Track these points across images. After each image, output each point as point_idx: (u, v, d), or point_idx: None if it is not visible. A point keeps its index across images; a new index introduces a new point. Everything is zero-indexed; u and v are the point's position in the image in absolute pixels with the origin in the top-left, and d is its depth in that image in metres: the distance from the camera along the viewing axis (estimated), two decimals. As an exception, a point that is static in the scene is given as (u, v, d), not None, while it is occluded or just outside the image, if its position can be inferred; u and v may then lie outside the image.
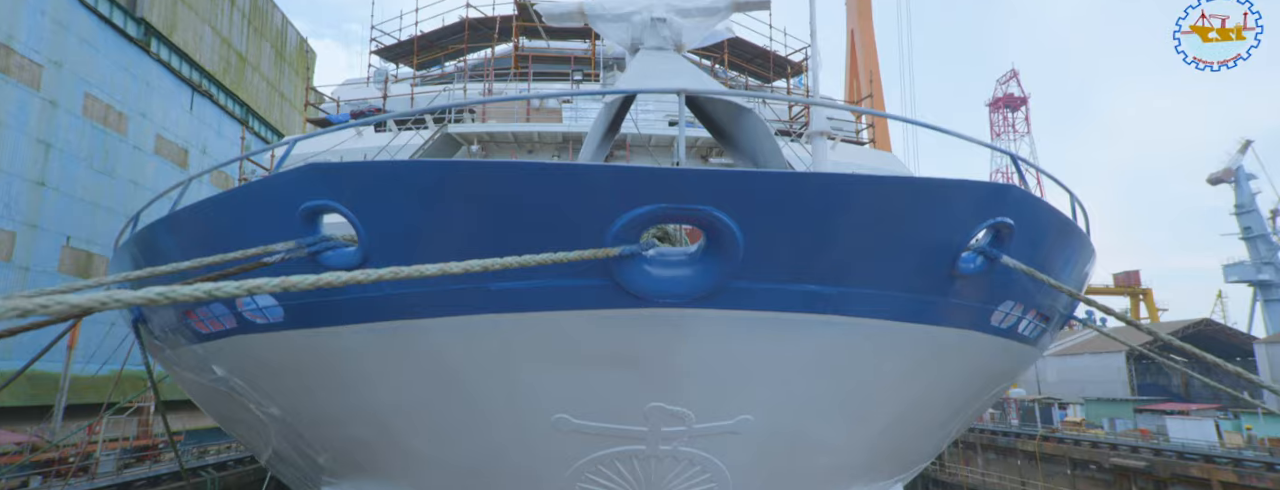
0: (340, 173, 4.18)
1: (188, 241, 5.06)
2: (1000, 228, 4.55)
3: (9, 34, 17.12)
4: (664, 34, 5.40)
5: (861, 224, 4.08)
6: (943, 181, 4.18)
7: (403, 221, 4.16)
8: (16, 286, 17.41)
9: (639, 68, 4.84)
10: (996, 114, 71.37)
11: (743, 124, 4.55)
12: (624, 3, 5.54)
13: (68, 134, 19.01)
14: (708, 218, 3.87)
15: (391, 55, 21.69)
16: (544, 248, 4.00)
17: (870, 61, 38.54)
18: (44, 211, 18.26)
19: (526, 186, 3.85)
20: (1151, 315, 47.20)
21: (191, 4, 25.04)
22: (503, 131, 14.93)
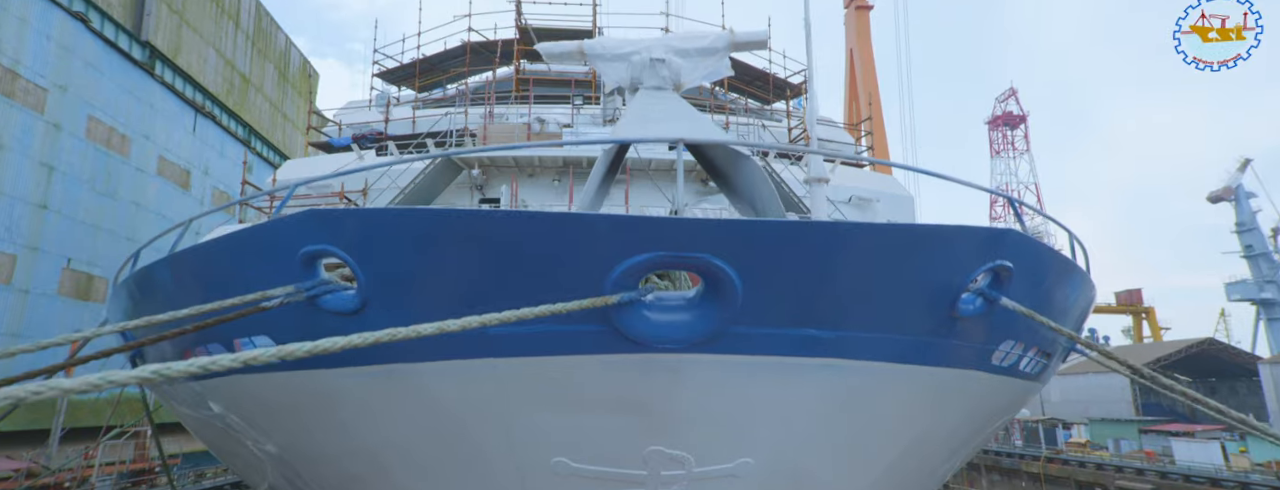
0: (340, 218, 4.19)
1: (186, 284, 5.06)
2: (999, 270, 4.55)
3: (14, 59, 17.29)
4: (663, 74, 5.44)
5: (860, 271, 4.08)
6: (941, 228, 4.19)
7: (401, 267, 4.16)
8: (16, 309, 17.39)
9: (638, 109, 4.87)
10: (996, 132, 71.69)
11: (740, 168, 4.58)
12: (623, 43, 5.59)
13: (71, 157, 19.11)
14: (706, 265, 3.87)
15: (394, 78, 21.88)
16: (542, 294, 4.00)
17: (869, 83, 38.81)
18: (45, 234, 18.30)
19: (524, 235, 3.86)
20: (1154, 334, 47.00)
21: (196, 27, 25.31)
22: (503, 155, 14.99)
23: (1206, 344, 33.38)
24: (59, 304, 18.72)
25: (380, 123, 17.92)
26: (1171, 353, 33.16)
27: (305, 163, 16.76)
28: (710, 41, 5.52)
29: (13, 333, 17.26)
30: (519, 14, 20.13)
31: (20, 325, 17.47)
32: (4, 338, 17.03)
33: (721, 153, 4.62)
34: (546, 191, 15.51)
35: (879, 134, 35.28)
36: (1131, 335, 50.36)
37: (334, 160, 16.16)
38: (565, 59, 5.79)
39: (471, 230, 3.94)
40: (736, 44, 5.56)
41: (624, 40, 5.67)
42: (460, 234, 3.97)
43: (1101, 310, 49.11)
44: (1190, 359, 33.53)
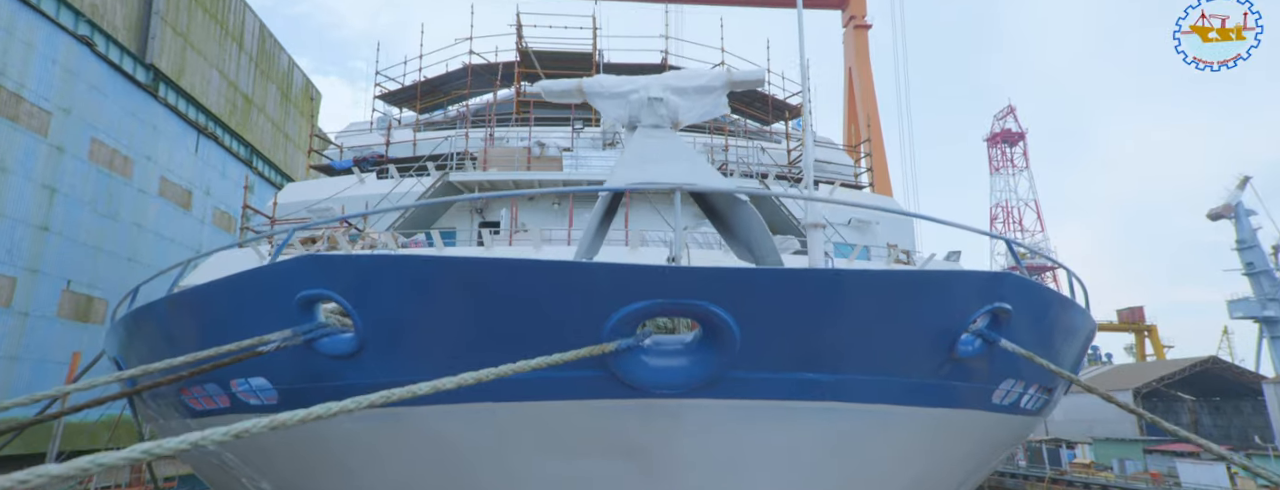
0: (337, 264, 4.20)
1: (183, 325, 5.05)
2: (997, 312, 4.55)
3: (19, 83, 17.43)
4: (661, 113, 5.48)
5: (859, 317, 4.07)
6: (939, 274, 4.19)
7: (398, 312, 4.16)
8: (15, 333, 17.35)
9: (637, 149, 4.90)
10: (995, 149, 71.98)
11: (737, 212, 4.60)
12: (621, 82, 5.64)
13: (73, 179, 19.19)
14: (704, 313, 3.87)
15: (395, 99, 22.03)
16: (540, 339, 3.99)
17: (868, 102, 39.04)
18: (46, 256, 18.32)
19: (521, 283, 3.86)
20: (1157, 352, 46.77)
21: (200, 49, 25.56)
22: (503, 179, 15.05)
23: (1210, 363, 33.21)
24: (58, 326, 18.68)
25: (381, 145, 18.02)
26: (1175, 371, 32.97)
27: (306, 185, 16.82)
28: (707, 80, 5.57)
29: (11, 356, 17.20)
30: (520, 37, 20.33)
31: (18, 348, 17.42)
32: (2, 361, 16.97)
33: (719, 195, 4.64)
34: (546, 215, 15.55)
35: (878, 155, 35.39)
36: (1134, 353, 50.15)
37: (335, 183, 16.22)
38: (564, 97, 5.84)
39: (468, 277, 3.95)
40: (734, 83, 5.61)
41: (622, 79, 5.72)
42: (457, 281, 3.97)
43: (1104, 328, 48.86)
44: (1194, 378, 33.34)
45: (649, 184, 4.28)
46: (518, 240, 13.59)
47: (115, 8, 21.57)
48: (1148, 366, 39.22)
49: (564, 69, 20.68)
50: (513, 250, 12.85)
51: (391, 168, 16.14)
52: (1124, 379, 35.27)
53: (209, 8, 26.32)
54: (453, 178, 14.93)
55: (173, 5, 23.87)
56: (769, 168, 18.08)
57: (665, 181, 4.32)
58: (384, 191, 15.38)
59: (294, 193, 16.46)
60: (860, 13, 44.38)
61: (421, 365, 4.32)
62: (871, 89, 40.53)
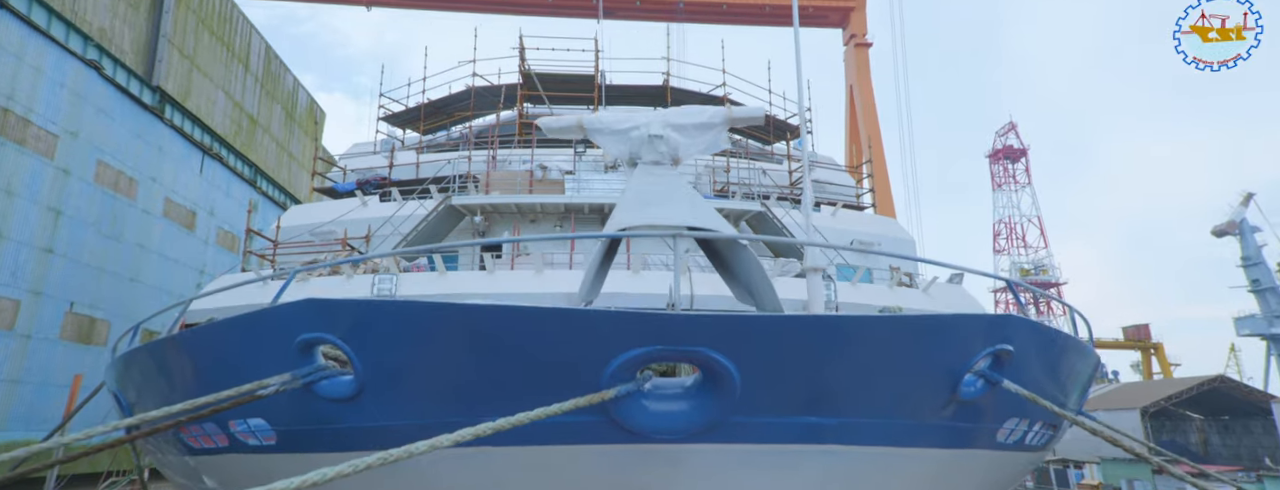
0: (338, 308, 4.20)
1: (184, 365, 5.05)
2: (1000, 354, 4.53)
3: (27, 107, 17.61)
4: (661, 150, 5.51)
5: (860, 361, 4.05)
6: (941, 318, 4.18)
7: (397, 357, 4.15)
8: (17, 356, 17.35)
9: (637, 190, 4.91)
10: (997, 165, 72.07)
11: (738, 256, 4.61)
12: (621, 119, 5.67)
13: (78, 201, 19.29)
14: (704, 359, 3.86)
15: (399, 121, 22.18)
16: (539, 384, 3.98)
17: (870, 122, 39.17)
18: (50, 278, 18.36)
19: (520, 329, 3.85)
20: (1164, 370, 46.36)
21: (206, 71, 25.82)
22: (505, 202, 15.10)
23: (1218, 381, 32.85)
24: (60, 349, 18.67)
25: (385, 168, 18.12)
26: (1182, 390, 32.61)
27: (309, 208, 16.91)
28: (707, 117, 5.60)
29: (12, 379, 17.18)
30: (522, 59, 20.51)
31: (20, 372, 17.40)
32: (4, 384, 16.95)
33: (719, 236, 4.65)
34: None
35: (880, 175, 35.41)
36: (1140, 370, 49.68)
37: (338, 206, 16.29)
38: (565, 133, 5.87)
39: (466, 323, 3.94)
40: (734, 120, 5.64)
41: (622, 115, 5.75)
42: (455, 326, 3.97)
43: (1108, 345, 48.53)
44: (1202, 397, 32.97)
45: (648, 233, 4.28)
46: (520, 264, 13.60)
47: (123, 32, 21.84)
48: (1155, 385, 38.84)
49: (566, 91, 20.85)
50: (515, 275, 12.85)
51: (394, 191, 16.22)
52: (1131, 397, 34.92)
53: (216, 30, 26.65)
54: (455, 201, 14.99)
55: (180, 28, 24.17)
56: (770, 189, 18.11)
57: (664, 224, 4.32)
58: (387, 214, 15.44)
59: (297, 216, 16.53)
60: (861, 31, 44.74)
61: (420, 409, 4.31)
62: (873, 107, 40.71)
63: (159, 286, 23.03)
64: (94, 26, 20.39)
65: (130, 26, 22.18)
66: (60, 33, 18.96)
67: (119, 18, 21.64)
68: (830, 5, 44.74)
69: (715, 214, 4.88)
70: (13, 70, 17.19)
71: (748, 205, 15.52)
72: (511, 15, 46.32)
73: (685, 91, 21.44)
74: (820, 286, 5.37)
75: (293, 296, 13.18)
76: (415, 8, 45.74)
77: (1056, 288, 66.59)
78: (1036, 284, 66.95)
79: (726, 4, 45.18)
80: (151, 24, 23.25)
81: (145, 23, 22.97)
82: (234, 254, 27.07)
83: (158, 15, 23.49)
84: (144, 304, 22.31)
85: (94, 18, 20.47)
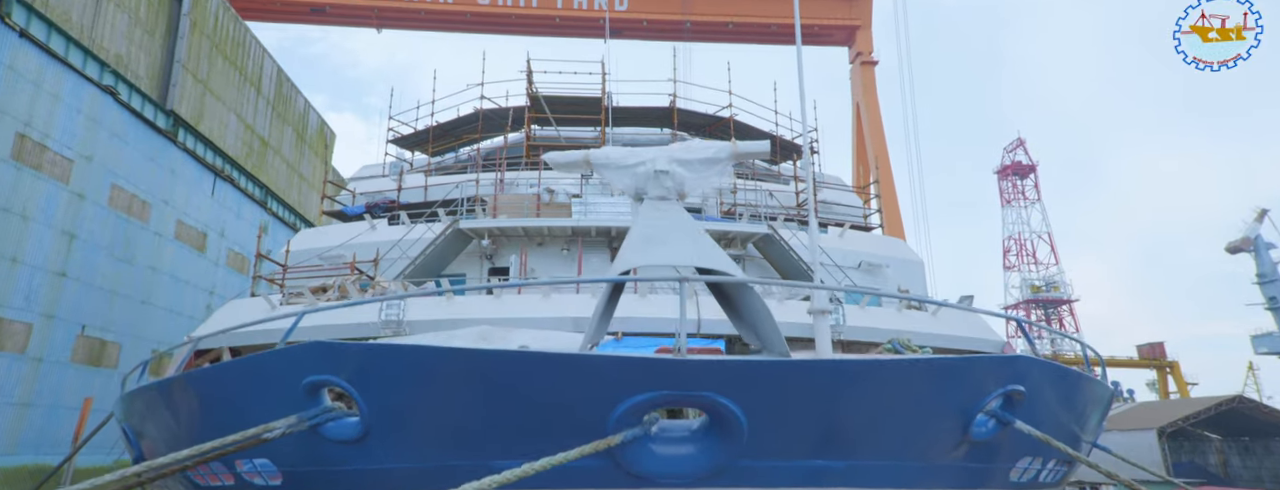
0: (342, 352, 4.20)
1: (191, 405, 5.06)
2: (1012, 394, 4.47)
3: (44, 133, 17.90)
4: (667, 184, 5.53)
5: (869, 405, 4.01)
6: (951, 362, 4.13)
7: (403, 401, 4.15)
8: (29, 379, 17.45)
9: (643, 228, 4.92)
10: (1005, 181, 71.82)
11: (744, 296, 4.60)
12: (627, 155, 5.70)
13: (92, 225, 19.51)
14: (711, 404, 3.83)
15: (408, 143, 22.40)
16: (545, 430, 3.96)
17: (877, 141, 39.17)
18: (62, 301, 18.52)
19: (526, 375, 3.84)
20: (1181, 390, 45.62)
21: (219, 94, 26.21)
22: (513, 226, 15.15)
23: (1237, 401, 32.29)
24: (71, 372, 18.77)
25: (393, 191, 18.25)
26: (1200, 410, 32.06)
27: (318, 232, 17.02)
28: (713, 152, 5.62)
29: (23, 403, 17.27)
30: (530, 82, 20.71)
31: (31, 395, 17.48)
32: (14, 408, 17.03)
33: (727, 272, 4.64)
34: (555, 260, 15.60)
35: (888, 195, 35.30)
36: (1156, 389, 48.91)
37: (347, 230, 16.40)
38: (572, 168, 5.91)
39: (472, 368, 3.93)
40: (739, 154, 5.66)
41: (628, 151, 5.79)
42: (460, 371, 3.96)
43: (1123, 364, 47.85)
44: (1220, 417, 32.40)
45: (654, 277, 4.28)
46: (526, 289, 13.60)
47: (139, 57, 22.24)
48: (1172, 405, 38.21)
49: (573, 113, 21.01)
50: (521, 300, 12.85)
51: (402, 214, 16.31)
52: (1147, 417, 34.34)
53: (229, 55, 27.09)
54: (463, 225, 15.05)
55: (194, 54, 24.59)
56: (777, 210, 18.10)
57: (670, 263, 4.31)
58: (395, 238, 15.52)
59: (306, 239, 16.64)
60: (867, 49, 44.95)
61: (426, 452, 4.29)
62: (879, 125, 40.76)
63: (170, 308, 23.18)
64: (111, 52, 20.77)
65: (146, 52, 22.59)
66: (77, 59, 19.32)
67: (135, 43, 22.05)
68: (836, 24, 45.01)
69: (720, 252, 4.87)
70: (31, 97, 17.51)
71: (754, 227, 15.50)
72: (520, 36, 46.96)
73: (691, 112, 21.56)
74: (827, 329, 5.34)
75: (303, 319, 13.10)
76: (425, 29, 46.36)
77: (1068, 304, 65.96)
78: (1048, 301, 66.29)
79: (732, 23, 45.55)
80: (166, 49, 23.68)
81: (160, 48, 23.39)
82: (244, 275, 27.25)
83: (173, 41, 23.93)
84: (155, 326, 22.45)
85: (111, 44, 20.87)
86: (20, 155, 17.20)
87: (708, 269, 4.72)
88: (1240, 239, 40.63)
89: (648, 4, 44.60)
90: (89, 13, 20.00)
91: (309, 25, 47.24)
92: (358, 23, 45.14)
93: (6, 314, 16.87)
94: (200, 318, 24.89)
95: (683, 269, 4.71)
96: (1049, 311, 66.18)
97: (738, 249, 15.84)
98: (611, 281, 4.31)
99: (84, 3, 19.82)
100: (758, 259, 16.35)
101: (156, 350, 22.62)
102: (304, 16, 43.95)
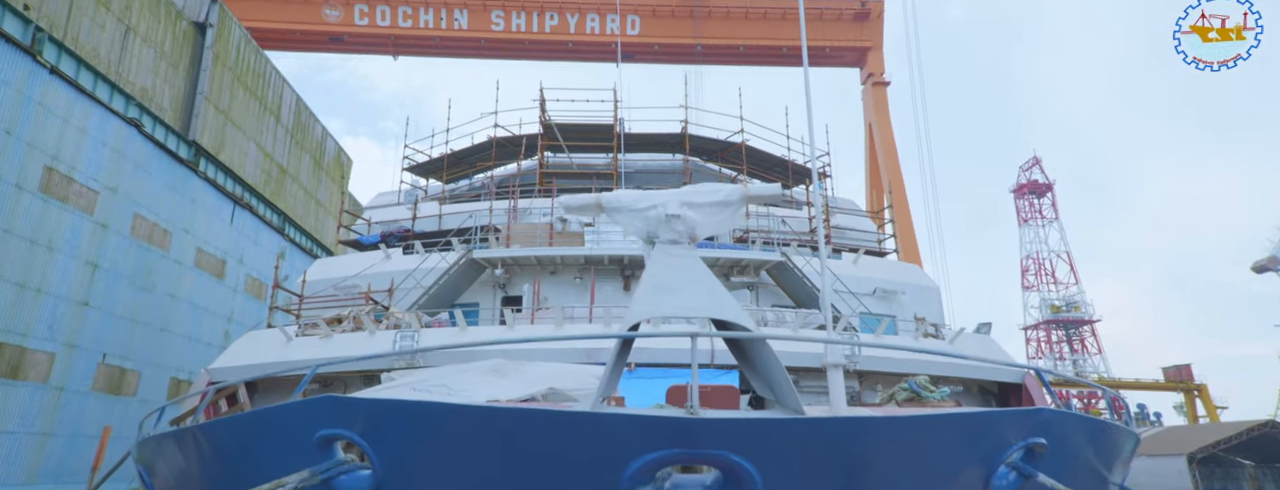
0: (355, 406, 4.22)
1: (205, 456, 5.09)
2: (1034, 447, 4.38)
3: (71, 166, 18.33)
4: (678, 229, 5.53)
5: (887, 462, 3.94)
6: (970, 416, 4.06)
7: (415, 456, 4.14)
8: (50, 408, 17.65)
9: (654, 277, 4.91)
10: (1022, 200, 71.17)
11: (758, 350, 4.58)
12: (638, 198, 5.72)
13: (115, 254, 19.86)
14: (725, 462, 3.78)
15: (423, 171, 22.68)
16: (557, 487, 3.92)
17: (891, 162, 39.02)
18: (84, 330, 18.79)
19: (538, 433, 3.82)
20: (1210, 414, 44.41)
21: (240, 124, 26.75)
22: (526, 255, 15.23)
23: (1269, 426, 31.38)
24: (92, 400, 18.97)
25: (408, 220, 18.45)
26: (1231, 435, 31.18)
27: (334, 262, 17.21)
28: (724, 195, 5.63)
29: (44, 432, 17.45)
30: (543, 110, 20.95)
31: (52, 424, 17.67)
32: (35, 437, 17.21)
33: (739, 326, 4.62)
34: (568, 288, 15.62)
35: (903, 219, 35.03)
36: (1185, 412, 47.67)
37: (362, 259, 16.56)
38: (584, 212, 5.94)
39: (484, 425, 3.93)
40: (751, 198, 5.66)
41: (639, 194, 5.81)
42: (473, 428, 3.96)
43: (1149, 387, 46.78)
44: (1250, 444, 31.49)
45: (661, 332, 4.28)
46: (540, 318, 13.61)
47: (163, 90, 22.80)
48: (1201, 429, 37.16)
49: (586, 139, 21.19)
50: (535, 329, 12.85)
51: (417, 243, 16.45)
52: (1176, 443, 33.43)
53: (250, 85, 27.70)
54: (476, 254, 15.15)
55: (216, 85, 25.18)
56: (790, 236, 18.05)
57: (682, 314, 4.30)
58: (409, 267, 15.64)
59: (322, 269, 16.82)
60: (878, 70, 45.07)
61: None
62: (893, 146, 40.66)
63: (189, 335, 23.43)
64: (137, 86, 21.32)
65: (170, 84, 23.16)
66: (104, 93, 19.85)
67: (160, 77, 22.63)
68: (847, 46, 45.25)
69: (733, 302, 4.85)
70: (59, 131, 17.98)
71: (768, 255, 15.45)
72: (534, 60, 47.69)
73: (703, 138, 21.65)
74: (841, 383, 5.28)
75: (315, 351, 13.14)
76: (441, 56, 47.19)
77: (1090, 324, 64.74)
78: (1069, 321, 65.17)
79: (743, 46, 45.92)
80: (190, 82, 24.27)
81: (184, 81, 23.98)
82: (261, 301, 27.53)
83: (196, 73, 24.53)
84: (174, 353, 22.69)
85: (137, 78, 21.43)
86: (48, 187, 17.62)
87: (722, 321, 4.70)
88: (1267, 258, 39.86)
89: (660, 27, 45.15)
90: (116, 48, 20.59)
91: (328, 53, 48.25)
92: (375, 51, 46.08)
93: (31, 343, 17.14)
94: (218, 344, 25.13)
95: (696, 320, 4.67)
96: (1070, 332, 65.04)
97: (751, 276, 15.79)
98: (623, 337, 4.31)
99: (112, 38, 20.42)
100: (771, 286, 16.28)
101: (176, 377, 22.84)
102: (323, 45, 44.97)
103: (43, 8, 18.06)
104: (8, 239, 16.37)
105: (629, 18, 45.89)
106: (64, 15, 18.69)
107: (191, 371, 23.53)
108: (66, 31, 18.66)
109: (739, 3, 44.47)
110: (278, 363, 12.22)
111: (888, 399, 6.52)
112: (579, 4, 44.03)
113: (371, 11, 42.46)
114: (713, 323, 5.27)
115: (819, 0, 44.53)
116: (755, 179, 22.59)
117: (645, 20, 45.42)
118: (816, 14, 43.97)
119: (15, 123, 16.63)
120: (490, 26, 43.43)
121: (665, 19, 45.19)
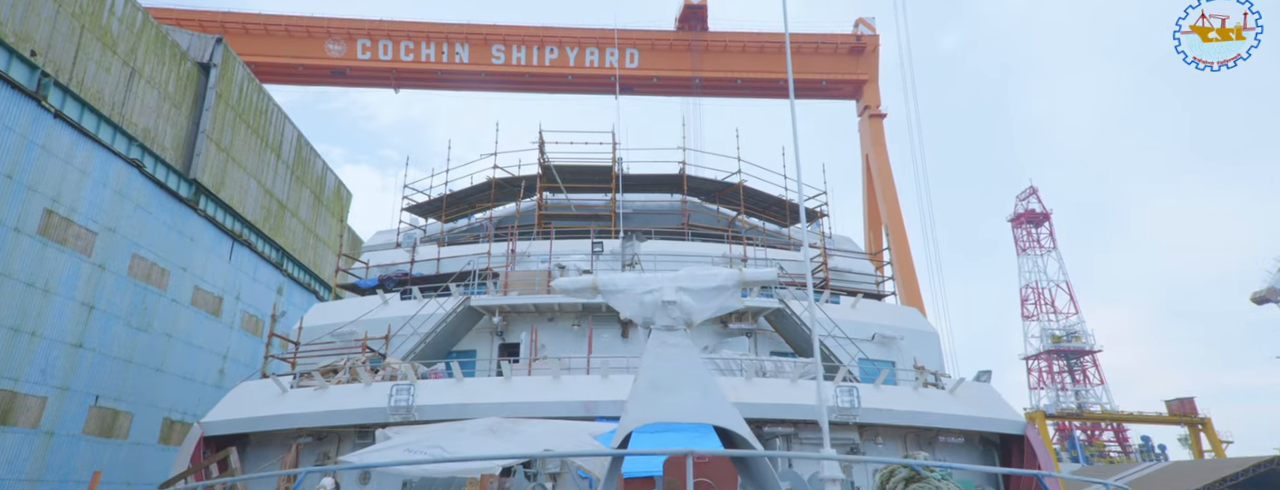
0: None
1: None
2: None
3: (71, 208, 18.38)
4: (675, 315, 5.53)
5: None
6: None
7: None
8: (40, 453, 17.41)
9: (650, 371, 4.90)
10: (1020, 230, 71.37)
11: (756, 462, 4.55)
12: (635, 282, 5.74)
13: (111, 295, 19.79)
14: None
15: (422, 211, 22.75)
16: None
17: (889, 196, 39.17)
18: (78, 372, 18.63)
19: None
20: (1215, 448, 43.91)
21: (241, 162, 26.92)
22: (523, 303, 15.19)
23: (1275, 463, 31.02)
24: (82, 444, 18.73)
25: (406, 263, 18.44)
26: (1237, 472, 30.81)
27: (332, 307, 17.15)
28: (720, 280, 5.64)
29: (32, 478, 17.19)
30: (541, 152, 21.11)
31: (41, 470, 17.42)
32: (22, 484, 16.94)
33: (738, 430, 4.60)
34: (566, 336, 15.56)
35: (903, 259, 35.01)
36: (1189, 445, 47.07)
37: (359, 305, 16.52)
38: (580, 294, 5.95)
39: None
40: (746, 282, 5.68)
41: (635, 277, 5.82)
42: None
43: (1152, 420, 46.28)
44: (1256, 482, 31.07)
45: (657, 450, 4.25)
46: (537, 369, 13.52)
47: (166, 130, 22.99)
48: (1206, 465, 36.71)
49: (584, 181, 21.31)
50: (531, 382, 12.76)
51: (414, 289, 16.42)
52: (1181, 479, 33.04)
53: (252, 123, 27.94)
54: (474, 302, 15.12)
55: (218, 123, 25.39)
56: (788, 280, 18.03)
57: (677, 419, 4.28)
58: (407, 314, 15.59)
59: (320, 315, 16.76)
60: (874, 102, 45.56)
61: None
62: (890, 178, 40.90)
63: (183, 374, 23.24)
64: (139, 127, 21.50)
65: (172, 124, 23.36)
66: (107, 135, 19.99)
67: (163, 117, 22.83)
68: (843, 79, 45.82)
69: (729, 406, 4.83)
70: (60, 173, 18.07)
71: (766, 301, 15.43)
72: (534, 93, 48.24)
73: (701, 179, 21.78)
74: (837, 473, 5.24)
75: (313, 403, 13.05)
76: (441, 89, 47.70)
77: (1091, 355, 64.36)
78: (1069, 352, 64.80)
79: (741, 79, 46.52)
80: (192, 121, 24.49)
81: (186, 120, 24.20)
82: (258, 337, 27.37)
83: (199, 112, 24.76)
84: (168, 393, 22.48)
85: (140, 118, 21.62)
86: (46, 230, 17.63)
87: (719, 428, 4.68)
88: (1266, 289, 39.83)
89: (658, 60, 45.75)
90: (121, 90, 20.82)
91: (329, 86, 48.77)
92: (377, 84, 46.60)
93: (22, 388, 16.97)
94: (212, 382, 24.91)
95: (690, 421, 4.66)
96: (1072, 362, 64.64)
97: (749, 323, 15.74)
98: (618, 453, 4.27)
99: (117, 81, 20.65)
100: (770, 332, 16.22)
101: (169, 418, 22.58)
102: (325, 79, 45.46)
103: (50, 52, 18.31)
104: (4, 282, 16.33)
105: (628, 51, 46.54)
106: (71, 59, 18.94)
107: (185, 411, 23.30)
108: (72, 75, 18.89)
109: (736, 37, 45.20)
110: (270, 417, 12.12)
111: (887, 476, 6.45)
112: (579, 38, 44.70)
113: (374, 46, 43.05)
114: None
115: (815, 34, 45.33)
116: (753, 218, 22.68)
117: (644, 54, 46.08)
118: (813, 48, 44.71)
119: (17, 167, 16.72)
120: (491, 60, 44.02)
121: (664, 52, 45.88)
